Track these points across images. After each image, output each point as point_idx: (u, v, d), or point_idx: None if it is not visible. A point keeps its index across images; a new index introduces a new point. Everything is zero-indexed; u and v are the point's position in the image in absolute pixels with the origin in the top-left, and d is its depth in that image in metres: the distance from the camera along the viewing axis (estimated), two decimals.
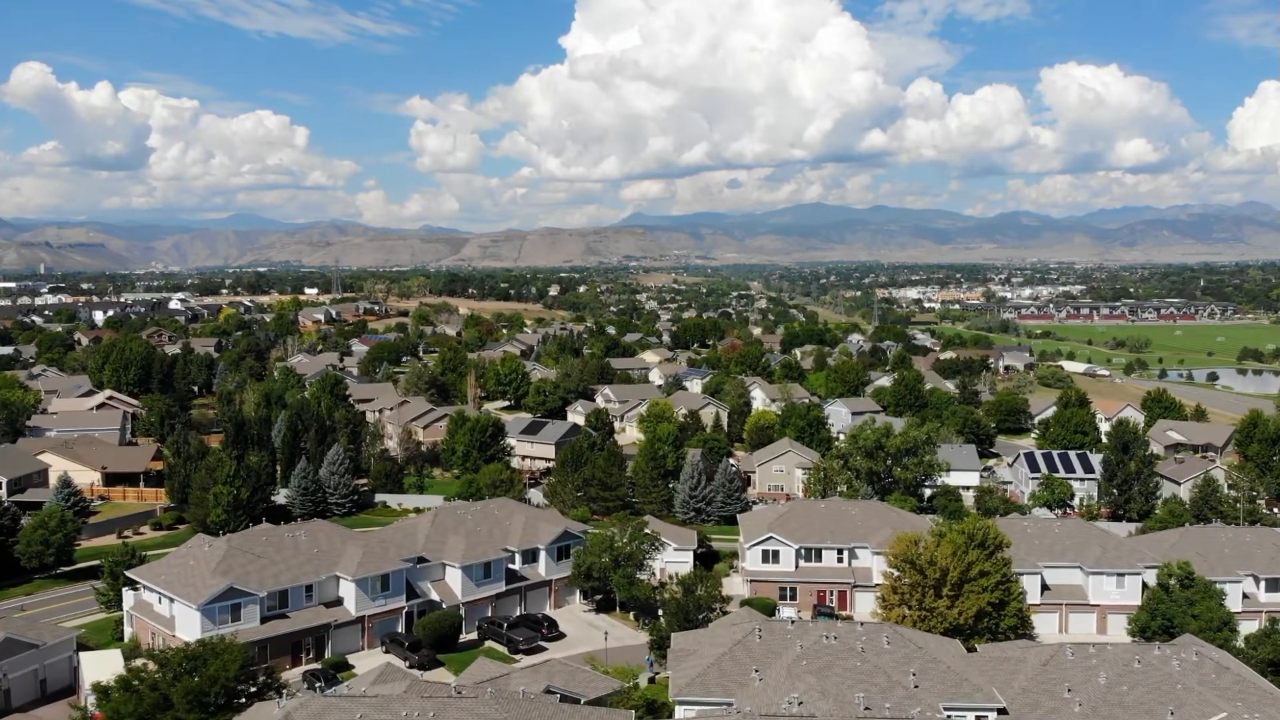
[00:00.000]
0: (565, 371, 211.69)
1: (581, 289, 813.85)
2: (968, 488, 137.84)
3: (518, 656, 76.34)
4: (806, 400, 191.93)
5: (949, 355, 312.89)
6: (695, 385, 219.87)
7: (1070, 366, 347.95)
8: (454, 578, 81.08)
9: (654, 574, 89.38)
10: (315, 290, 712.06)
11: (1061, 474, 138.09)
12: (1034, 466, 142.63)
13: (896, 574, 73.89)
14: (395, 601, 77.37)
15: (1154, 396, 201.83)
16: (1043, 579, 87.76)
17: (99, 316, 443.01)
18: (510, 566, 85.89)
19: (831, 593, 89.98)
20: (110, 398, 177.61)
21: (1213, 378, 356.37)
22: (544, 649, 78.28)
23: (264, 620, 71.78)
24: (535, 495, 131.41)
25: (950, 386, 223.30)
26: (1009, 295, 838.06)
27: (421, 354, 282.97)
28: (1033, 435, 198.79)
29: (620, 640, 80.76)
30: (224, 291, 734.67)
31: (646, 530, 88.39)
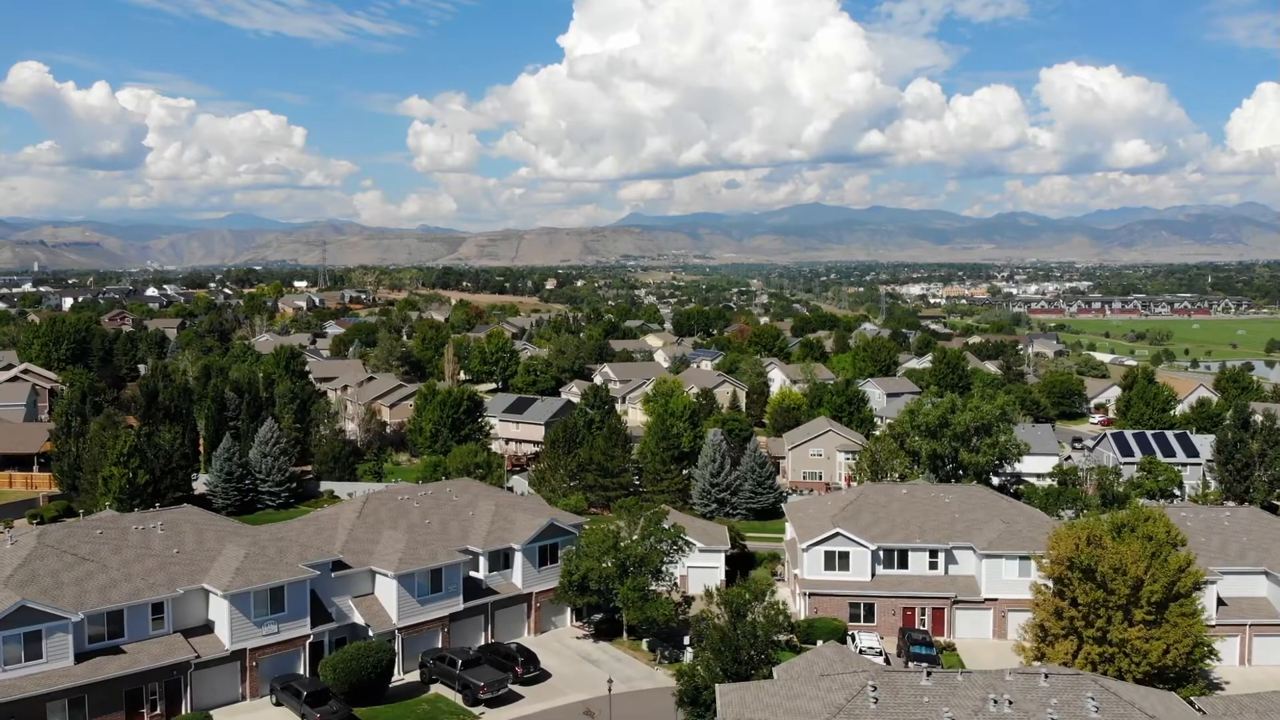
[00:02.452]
0: (559, 349, 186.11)
1: (579, 283, 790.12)
2: (1042, 475, 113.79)
3: (478, 710, 51.18)
4: (833, 381, 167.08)
5: (976, 340, 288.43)
6: (706, 365, 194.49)
7: (1096, 357, 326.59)
8: (387, 591, 55.76)
9: (674, 584, 64.14)
10: (305, 283, 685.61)
11: (1160, 457, 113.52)
12: (1125, 449, 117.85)
13: (1055, 588, 48.58)
14: (294, 627, 51.98)
15: (1230, 376, 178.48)
16: (1217, 591, 62.73)
17: (67, 303, 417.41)
18: (472, 575, 60.59)
19: (923, 611, 64.77)
20: (25, 371, 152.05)
21: (1248, 368, 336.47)
22: (518, 697, 53.14)
23: (81, 657, 46.40)
24: (520, 484, 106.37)
25: (991, 367, 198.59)
26: (1014, 291, 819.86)
27: (405, 337, 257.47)
28: (1091, 420, 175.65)
29: (629, 682, 55.57)
30: (213, 285, 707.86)
31: (666, 523, 63.07)
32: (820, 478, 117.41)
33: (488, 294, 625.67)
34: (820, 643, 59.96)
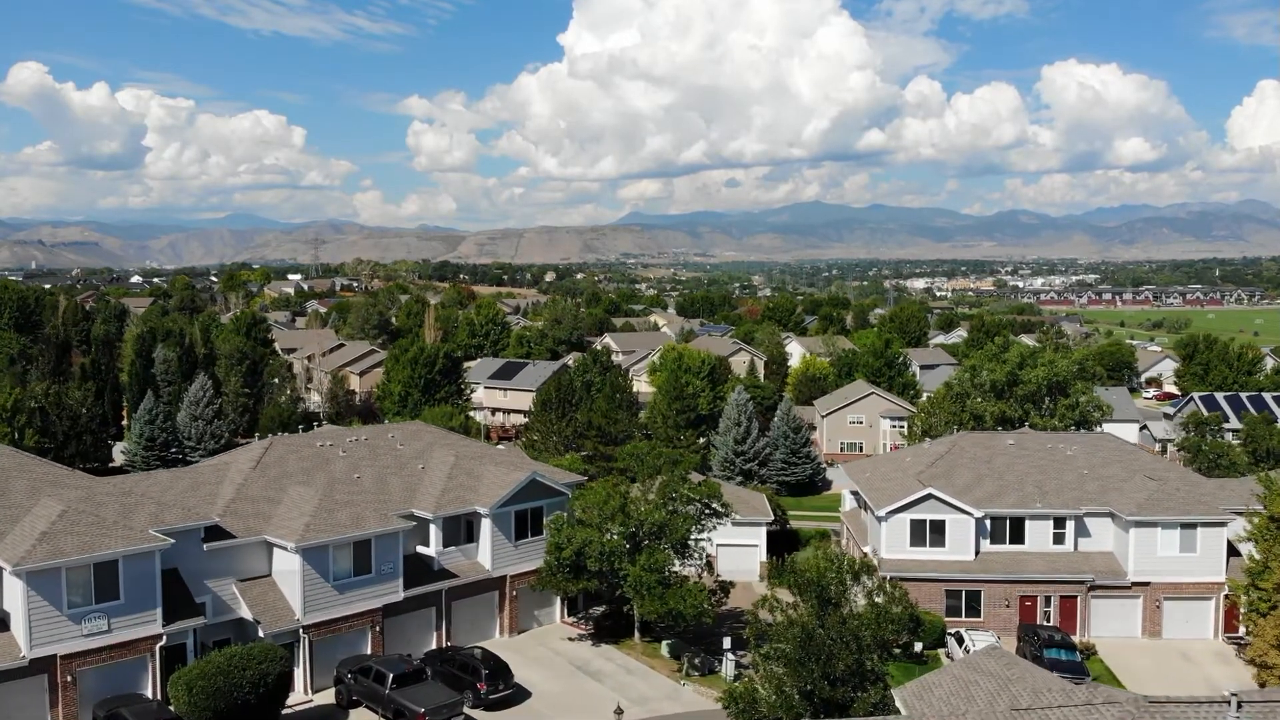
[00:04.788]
0: (555, 318, 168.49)
1: (579, 276, 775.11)
2: None
3: None
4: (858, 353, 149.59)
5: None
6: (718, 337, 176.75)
7: (1124, 342, 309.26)
8: (288, 572, 38.15)
9: (706, 564, 46.48)
10: (299, 276, 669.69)
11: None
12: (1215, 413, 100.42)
13: None
14: (136, 624, 34.30)
15: None
16: None
17: (45, 287, 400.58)
18: (420, 551, 42.96)
19: (1047, 600, 47.23)
20: None
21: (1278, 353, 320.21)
22: None
23: None
24: None
25: (1027, 340, 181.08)
26: (1020, 284, 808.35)
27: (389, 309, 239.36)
28: (1145, 395, 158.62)
29: (646, 704, 38.07)
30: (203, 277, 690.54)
31: (692, 480, 45.50)
32: (860, 449, 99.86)
33: (486, 285, 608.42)
34: (944, 651, 42.62)
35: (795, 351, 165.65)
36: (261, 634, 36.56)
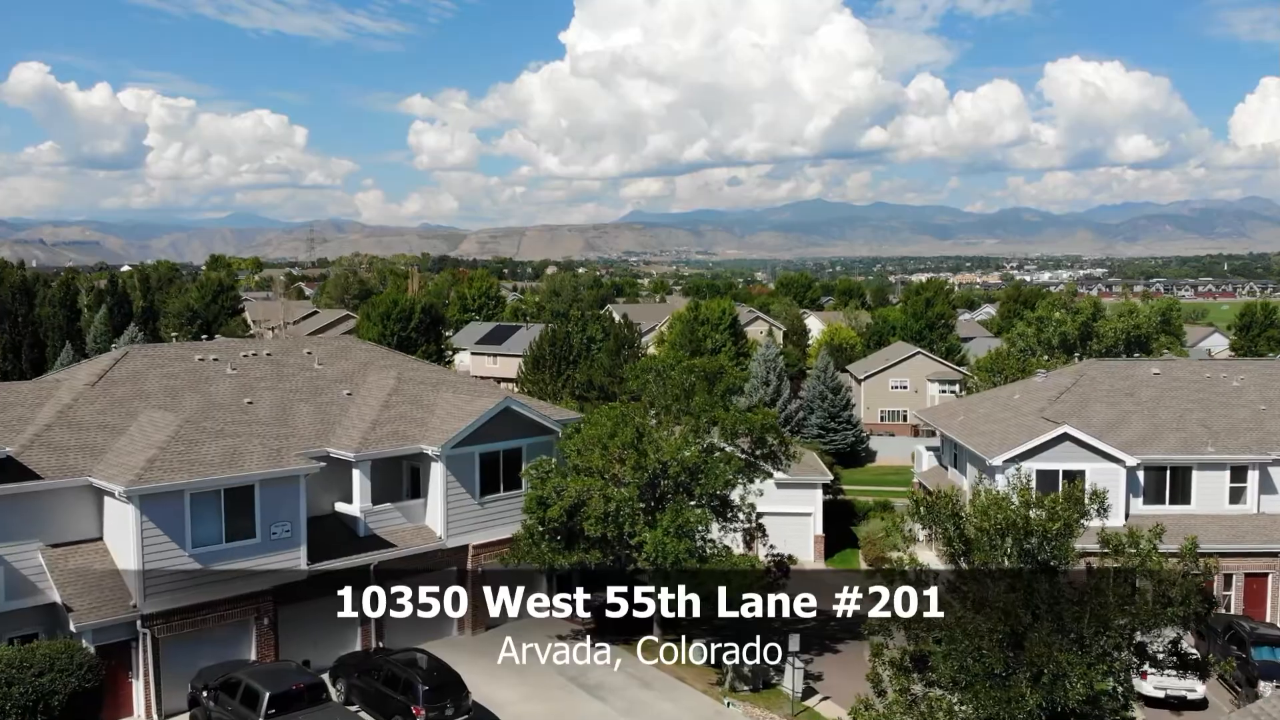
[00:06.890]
0: (554, 289, 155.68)
1: (581, 271, 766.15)
2: None
3: None
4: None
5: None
6: None
7: None
8: (120, 531, 25.15)
9: (757, 527, 33.18)
10: (296, 269, 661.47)
11: None
12: None
13: None
14: None
15: None
16: None
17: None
18: (340, 510, 29.82)
19: (1228, 580, 34.12)
20: None
21: None
22: None
23: None
24: None
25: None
26: (1028, 279, 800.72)
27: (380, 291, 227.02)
28: None
29: None
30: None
31: (738, 411, 32.49)
32: (905, 418, 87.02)
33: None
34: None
35: (814, 327, 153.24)
36: (74, 627, 23.51)
